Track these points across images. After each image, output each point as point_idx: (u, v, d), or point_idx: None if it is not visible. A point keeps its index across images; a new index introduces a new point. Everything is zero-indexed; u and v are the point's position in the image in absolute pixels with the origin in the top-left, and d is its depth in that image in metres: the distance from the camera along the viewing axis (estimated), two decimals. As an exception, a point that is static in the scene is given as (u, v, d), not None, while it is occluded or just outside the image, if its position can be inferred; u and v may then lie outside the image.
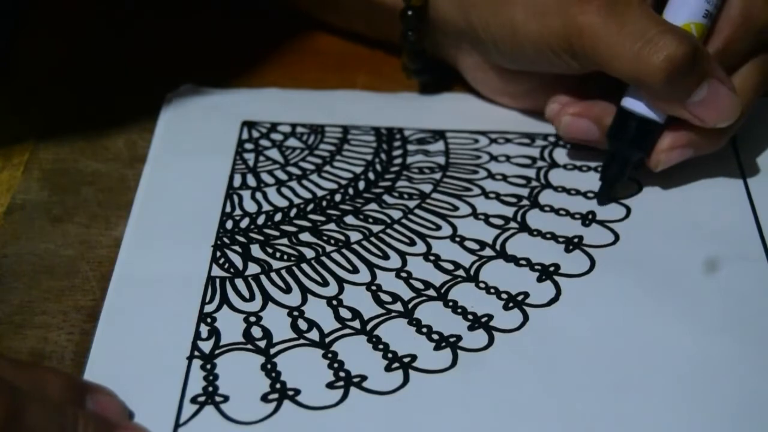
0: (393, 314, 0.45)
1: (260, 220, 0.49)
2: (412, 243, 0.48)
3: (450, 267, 0.47)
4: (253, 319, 0.44)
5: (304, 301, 0.45)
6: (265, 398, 0.41)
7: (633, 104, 0.48)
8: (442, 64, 0.55)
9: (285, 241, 0.48)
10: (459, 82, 0.55)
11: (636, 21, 0.46)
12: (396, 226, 0.49)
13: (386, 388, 0.42)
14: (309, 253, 0.47)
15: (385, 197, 0.50)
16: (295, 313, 0.45)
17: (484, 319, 0.44)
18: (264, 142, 0.53)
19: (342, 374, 0.42)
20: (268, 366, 0.42)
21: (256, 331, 0.44)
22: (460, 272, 0.46)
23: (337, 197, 0.50)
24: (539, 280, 0.46)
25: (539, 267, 0.46)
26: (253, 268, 0.47)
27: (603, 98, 0.50)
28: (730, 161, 0.51)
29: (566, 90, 0.50)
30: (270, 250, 0.47)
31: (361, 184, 0.51)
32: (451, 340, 0.43)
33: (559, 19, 0.47)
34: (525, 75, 0.52)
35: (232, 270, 0.46)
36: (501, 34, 0.49)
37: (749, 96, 0.48)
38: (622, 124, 0.48)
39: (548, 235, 0.48)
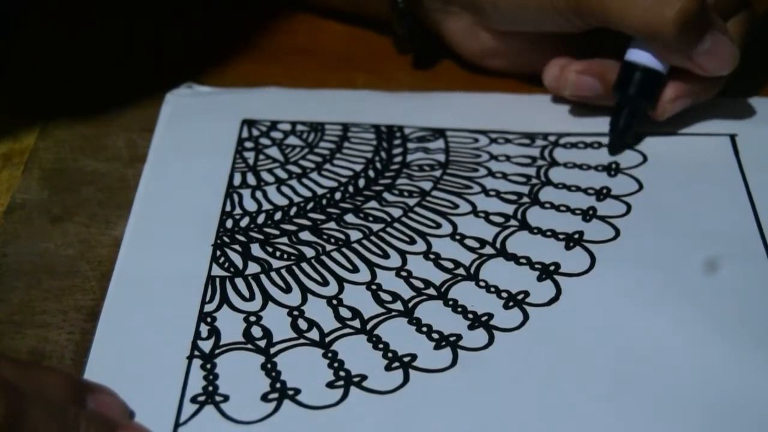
0: (393, 313, 0.45)
1: (260, 219, 0.49)
2: (412, 242, 0.48)
3: (450, 266, 0.47)
4: (253, 318, 0.44)
5: (304, 300, 0.45)
6: (265, 398, 0.41)
7: (638, 56, 0.50)
8: (432, 33, 0.56)
9: (285, 240, 0.48)
10: (449, 55, 0.56)
11: None
12: (396, 225, 0.49)
13: (386, 388, 0.42)
14: (309, 252, 0.47)
15: (386, 195, 0.50)
16: (295, 313, 0.45)
17: (484, 318, 0.44)
18: (264, 141, 0.53)
19: (342, 374, 0.42)
20: (268, 365, 0.42)
21: (256, 331, 0.44)
22: (460, 271, 0.46)
23: (337, 195, 0.50)
24: (539, 279, 0.46)
25: (539, 266, 0.46)
26: (253, 268, 0.47)
27: (600, 55, 0.52)
28: (730, 160, 0.51)
29: (560, 49, 0.52)
30: (270, 249, 0.47)
31: (361, 182, 0.51)
32: (451, 339, 0.43)
33: None
34: (518, 35, 0.53)
35: (232, 269, 0.46)
36: None
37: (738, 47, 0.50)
38: (628, 77, 0.50)
39: (548, 233, 0.48)
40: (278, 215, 0.49)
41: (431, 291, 0.45)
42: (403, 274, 0.46)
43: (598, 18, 0.49)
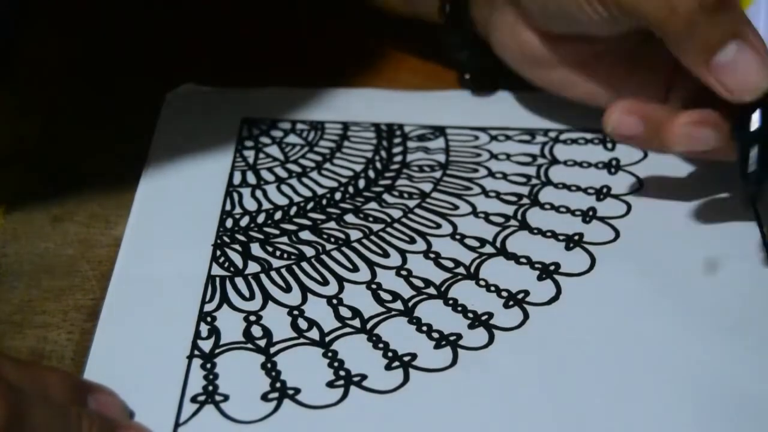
0: (393, 313, 0.44)
1: (260, 219, 0.49)
2: (412, 241, 0.48)
3: (450, 265, 0.47)
4: (253, 318, 0.44)
5: (304, 300, 0.45)
6: (265, 397, 0.41)
7: None
8: (486, 50, 0.52)
9: (285, 239, 0.48)
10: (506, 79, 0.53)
11: None
12: (396, 225, 0.49)
13: (386, 387, 0.42)
14: (309, 252, 0.47)
15: (385, 196, 0.50)
16: (295, 312, 0.45)
17: (484, 318, 0.44)
18: (264, 139, 0.53)
19: (342, 373, 0.42)
20: (268, 365, 0.42)
21: (256, 330, 0.44)
22: (461, 270, 0.46)
23: (337, 195, 0.50)
24: (539, 278, 0.46)
25: (539, 265, 0.46)
26: (253, 267, 0.46)
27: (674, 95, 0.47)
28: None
29: (616, 74, 0.48)
30: (270, 249, 0.47)
31: (361, 183, 0.51)
32: (451, 338, 0.43)
33: None
34: (559, 42, 0.49)
35: (232, 269, 0.46)
36: None
37: None
38: (748, 117, 0.44)
39: (548, 233, 0.48)
40: (278, 215, 0.49)
41: (431, 290, 0.45)
42: (403, 273, 0.46)
43: (617, 1, 0.45)
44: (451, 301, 0.45)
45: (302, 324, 0.44)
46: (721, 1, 0.43)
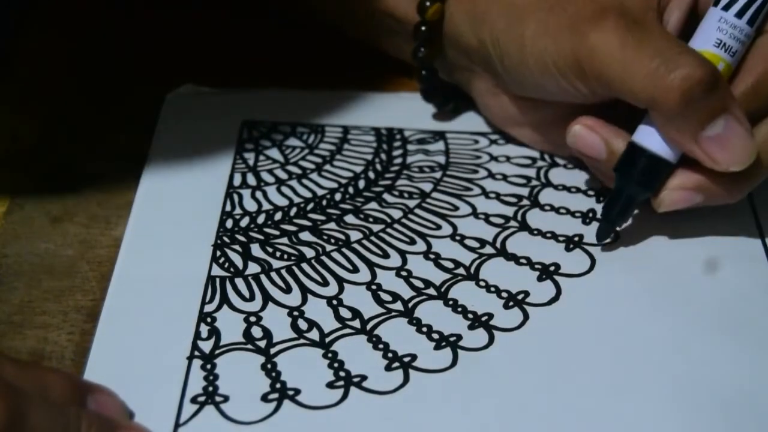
0: (393, 313, 0.45)
1: (260, 219, 0.49)
2: (412, 242, 0.48)
3: (450, 265, 0.47)
4: (253, 318, 0.44)
5: (304, 300, 0.45)
6: (265, 398, 0.41)
7: (644, 139, 0.45)
8: (459, 90, 0.54)
9: (285, 240, 0.48)
10: (476, 108, 0.54)
11: (655, 40, 0.43)
12: (396, 226, 0.49)
13: (386, 388, 0.42)
14: (309, 253, 0.47)
15: (385, 196, 0.50)
16: (295, 313, 0.45)
17: (484, 318, 0.44)
18: (264, 142, 0.53)
19: (342, 374, 0.42)
20: (268, 366, 0.42)
21: (256, 331, 0.44)
22: (461, 270, 0.46)
23: (338, 196, 0.50)
24: (539, 279, 0.46)
25: (539, 266, 0.46)
26: (253, 268, 0.47)
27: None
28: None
29: None
30: (270, 250, 0.47)
31: (361, 183, 0.51)
32: (451, 339, 0.43)
33: (569, 37, 0.45)
34: (538, 105, 0.49)
35: (232, 269, 0.46)
36: (509, 51, 0.47)
37: None
38: (631, 160, 0.45)
39: (548, 234, 0.48)
40: (278, 215, 0.49)
41: (431, 291, 0.45)
42: (403, 274, 0.46)
43: (600, 81, 0.44)
44: (451, 302, 0.45)
45: (302, 325, 0.44)
46: (714, 80, 0.43)
